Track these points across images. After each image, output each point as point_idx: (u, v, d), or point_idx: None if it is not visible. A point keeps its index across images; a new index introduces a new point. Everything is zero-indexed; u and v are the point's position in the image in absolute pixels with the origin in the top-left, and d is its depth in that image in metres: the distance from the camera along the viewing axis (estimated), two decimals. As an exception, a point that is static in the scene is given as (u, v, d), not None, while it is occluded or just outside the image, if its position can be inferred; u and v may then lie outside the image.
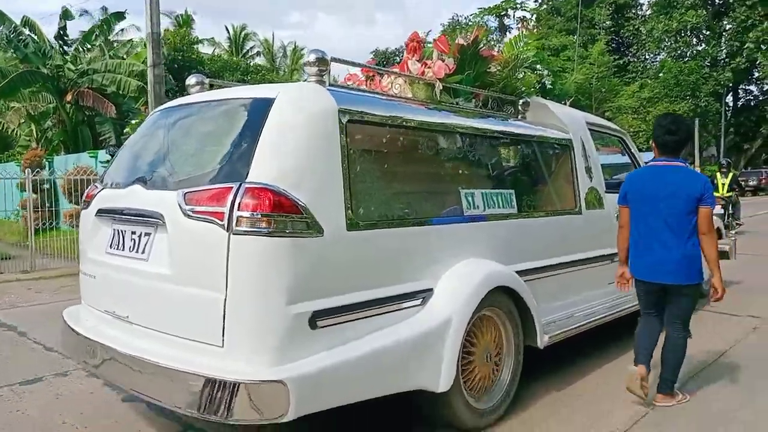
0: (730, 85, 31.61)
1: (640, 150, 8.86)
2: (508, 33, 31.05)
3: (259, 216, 2.40)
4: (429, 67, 3.65)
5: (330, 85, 2.96)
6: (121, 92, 17.20)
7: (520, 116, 4.23)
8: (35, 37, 17.98)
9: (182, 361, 2.46)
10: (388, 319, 2.81)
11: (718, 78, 29.15)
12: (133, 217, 2.85)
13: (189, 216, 2.52)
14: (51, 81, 17.29)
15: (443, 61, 3.71)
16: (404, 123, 3.11)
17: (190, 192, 2.56)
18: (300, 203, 2.48)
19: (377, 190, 2.91)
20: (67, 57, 18.00)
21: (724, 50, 30.79)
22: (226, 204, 2.42)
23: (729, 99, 33.65)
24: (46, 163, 15.64)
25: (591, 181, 4.50)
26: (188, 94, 3.52)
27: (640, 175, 3.72)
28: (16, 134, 20.78)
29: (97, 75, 17.29)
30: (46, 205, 11.45)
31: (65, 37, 17.95)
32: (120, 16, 17.56)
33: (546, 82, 5.02)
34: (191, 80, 3.56)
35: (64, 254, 10.15)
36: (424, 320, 2.91)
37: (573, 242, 4.19)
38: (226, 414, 2.31)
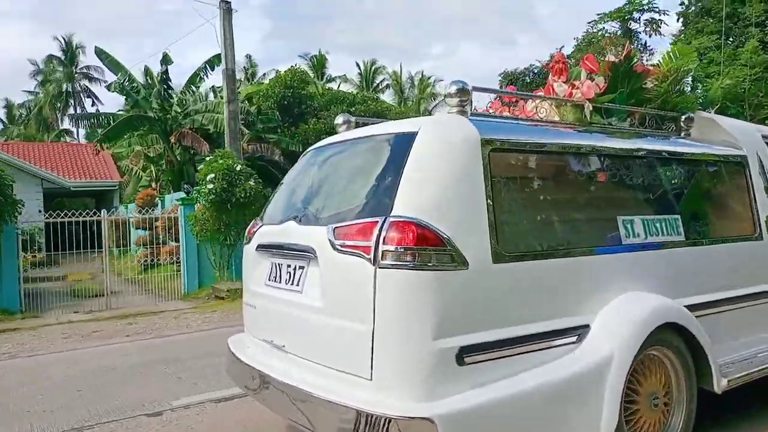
0: None
1: None
2: (635, 39, 28.20)
3: (404, 249, 2.41)
4: (577, 88, 3.47)
5: (472, 114, 2.92)
6: (218, 131, 17.49)
7: (683, 133, 3.86)
8: (145, 82, 19.04)
9: (333, 392, 2.51)
10: (540, 357, 2.66)
11: None
12: (288, 252, 3.01)
13: (338, 250, 2.60)
14: (158, 124, 18.14)
15: (592, 80, 3.51)
16: (551, 148, 2.98)
17: (339, 227, 2.64)
18: (444, 236, 2.45)
19: (524, 220, 2.80)
20: (172, 100, 18.66)
21: None
22: (371, 238, 2.47)
23: None
24: (159, 201, 16.99)
25: (773, 202, 3.96)
26: (336, 132, 3.69)
27: None
28: (139, 176, 22.43)
29: (198, 115, 17.96)
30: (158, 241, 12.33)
31: (168, 81, 18.47)
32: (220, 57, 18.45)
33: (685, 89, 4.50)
34: (339, 120, 3.71)
35: (159, 290, 10.98)
36: (581, 359, 2.71)
37: (752, 272, 3.69)
38: (376, 449, 2.31)
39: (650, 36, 28.17)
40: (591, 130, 3.33)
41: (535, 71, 33.81)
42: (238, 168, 11.30)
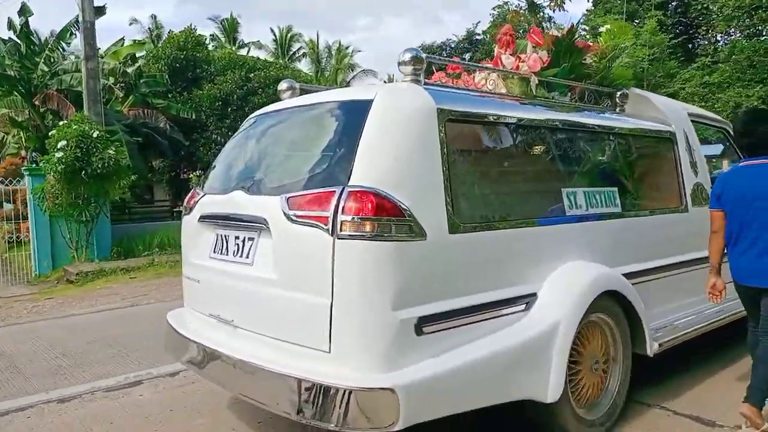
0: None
1: (708, 142, 8.05)
2: (539, 13, 28.75)
3: (363, 219, 2.36)
4: (523, 61, 3.51)
5: (425, 83, 2.88)
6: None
7: (618, 109, 4.00)
8: (9, 38, 16.05)
9: (290, 367, 2.45)
10: (492, 325, 2.70)
11: None
12: (236, 222, 2.89)
13: (292, 220, 2.51)
14: (20, 83, 15.41)
15: (537, 54, 3.56)
16: (502, 120, 2.99)
17: (293, 197, 2.55)
18: (403, 206, 2.41)
19: (477, 190, 2.81)
20: (37, 58, 15.81)
21: None
22: (329, 208, 2.40)
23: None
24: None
25: (696, 176, 4.20)
26: (280, 99, 3.55)
27: (732, 175, 3.39)
28: (5, 141, 18.68)
29: (66, 75, 15.37)
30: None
31: (30, 35, 15.82)
32: (100, 11, 14.88)
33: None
34: (282, 86, 3.58)
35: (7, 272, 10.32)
36: (530, 326, 2.78)
37: (679, 242, 3.92)
38: (336, 421, 2.28)
39: (554, 11, 29.01)
40: (537, 104, 3.39)
41: (452, 45, 34.16)
42: (95, 134, 10.25)
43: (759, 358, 3.14)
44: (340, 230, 2.37)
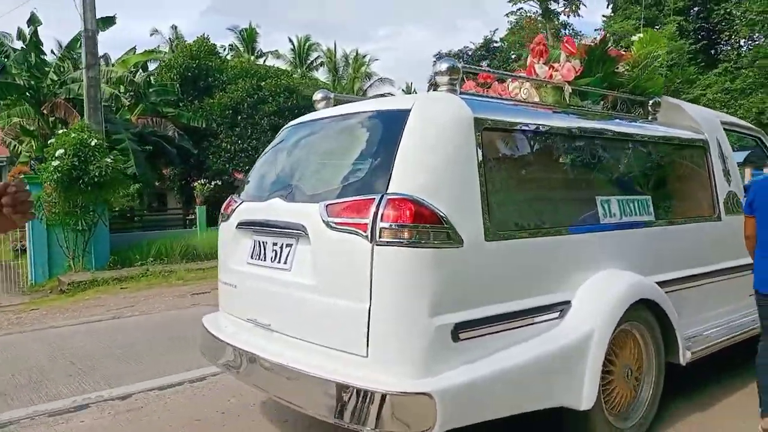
0: None
1: (734, 150, 7.93)
2: (556, 20, 28.28)
3: (401, 227, 2.40)
4: (556, 70, 3.53)
5: (461, 93, 2.92)
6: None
7: (650, 117, 3.99)
8: (18, 48, 16.03)
9: (327, 370, 2.50)
10: (527, 332, 2.73)
11: None
12: (274, 229, 2.95)
13: (331, 227, 2.57)
14: (30, 92, 15.36)
15: (570, 63, 3.57)
16: (537, 129, 3.02)
17: (332, 204, 2.60)
18: (440, 213, 2.45)
19: (513, 199, 2.84)
20: (47, 67, 15.77)
21: None
22: (368, 215, 2.45)
23: None
24: (33, 179, 15.17)
25: (729, 185, 4.18)
26: (315, 109, 3.62)
27: (765, 182, 3.38)
28: (18, 151, 18.71)
29: (75, 84, 15.09)
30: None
31: (39, 45, 15.54)
32: (110, 21, 14.90)
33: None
34: (317, 96, 3.65)
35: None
36: (564, 334, 2.80)
37: (712, 251, 3.90)
38: (374, 424, 2.32)
39: (568, 17, 28.56)
40: (570, 112, 3.40)
41: (469, 53, 34.00)
42: (93, 143, 10.18)
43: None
44: (379, 237, 2.41)
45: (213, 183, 17.63)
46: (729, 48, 27.82)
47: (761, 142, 5.03)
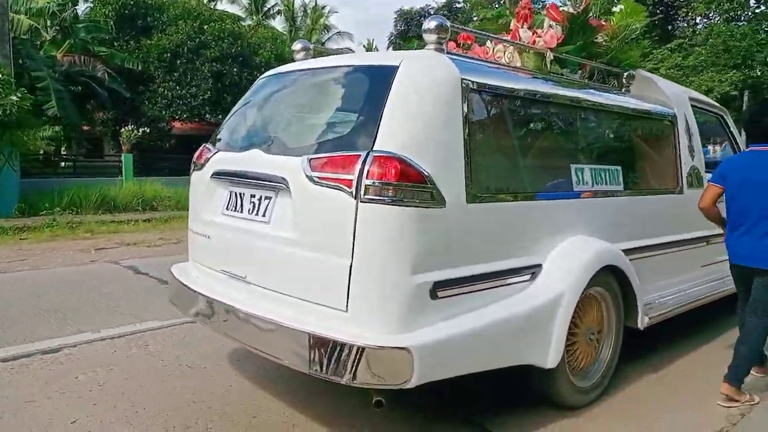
0: (794, 53, 25.89)
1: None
2: None
3: (387, 184, 2.40)
4: (540, 36, 3.54)
5: (448, 53, 2.90)
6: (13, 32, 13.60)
7: (623, 89, 4.07)
8: None
9: (306, 323, 2.51)
10: (501, 293, 2.80)
11: None
12: (253, 181, 2.90)
13: (314, 182, 2.55)
14: None
15: (553, 29, 3.58)
16: (520, 94, 3.04)
17: (316, 158, 2.58)
18: (425, 173, 2.46)
19: (493, 162, 2.87)
20: None
21: None
22: (354, 171, 2.43)
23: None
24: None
25: (693, 159, 4.32)
26: (293, 60, 3.53)
27: (740, 159, 3.54)
28: None
29: None
30: None
31: None
32: None
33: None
34: (297, 46, 3.56)
35: None
36: (536, 296, 2.89)
37: (673, 222, 4.05)
38: (351, 377, 2.36)
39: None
40: (552, 79, 3.43)
41: (431, 12, 33.34)
42: None
43: (742, 339, 3.32)
44: (364, 194, 2.41)
45: (142, 130, 16.92)
46: (685, 25, 27.96)
47: (723, 120, 5.21)
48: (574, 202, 3.23)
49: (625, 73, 4.06)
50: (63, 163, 15.59)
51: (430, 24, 2.82)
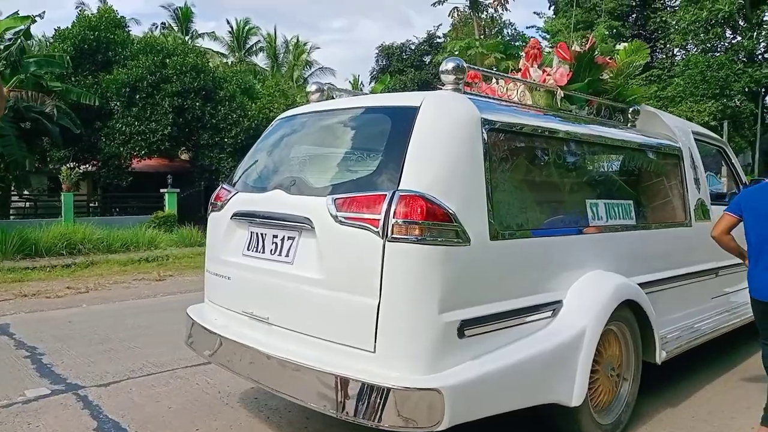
0: (769, 83, 26.12)
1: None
2: (484, 13, 28.43)
3: (413, 224, 2.42)
4: (549, 75, 3.62)
5: (465, 93, 2.96)
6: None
7: (629, 125, 4.14)
8: None
9: (333, 365, 2.49)
10: (525, 330, 2.80)
11: (753, 75, 23.68)
12: (275, 221, 2.91)
13: (340, 222, 2.56)
14: None
15: (562, 68, 3.66)
16: (536, 131, 3.09)
17: (341, 198, 2.59)
18: (450, 211, 2.48)
19: (514, 199, 2.90)
20: None
21: (762, 43, 25.08)
22: (380, 211, 2.45)
23: (769, 100, 27.65)
24: None
25: (699, 192, 4.38)
26: (308, 101, 3.59)
27: (759, 190, 3.55)
28: None
29: None
30: None
31: None
32: None
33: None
34: (312, 88, 3.61)
35: None
36: (559, 332, 2.88)
37: (683, 255, 4.09)
38: (381, 419, 2.33)
39: (496, 11, 28.79)
40: (563, 116, 3.49)
41: (412, 47, 33.64)
42: None
43: None
44: (391, 233, 2.42)
45: (84, 167, 16.29)
46: (663, 56, 28.28)
47: (724, 152, 5.30)
48: (590, 236, 3.25)
49: (631, 109, 4.14)
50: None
51: (447, 65, 2.88)
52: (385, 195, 2.47)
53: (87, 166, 16.78)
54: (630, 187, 3.79)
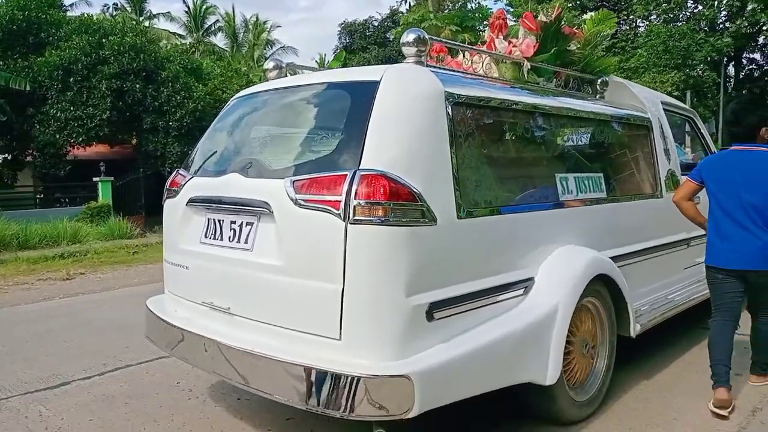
0: (731, 52, 25.72)
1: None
2: None
3: (376, 204, 2.30)
4: (515, 46, 3.50)
5: (428, 66, 2.83)
6: None
7: (598, 96, 4.06)
8: None
9: (298, 355, 2.38)
10: (495, 310, 2.72)
11: (715, 44, 23.35)
12: (232, 206, 2.76)
13: (300, 205, 2.43)
14: None
15: (528, 39, 3.55)
16: (503, 105, 2.98)
17: (300, 180, 2.46)
18: (415, 190, 2.37)
19: (480, 175, 2.79)
20: None
21: (724, 12, 24.55)
22: (341, 192, 2.32)
23: (731, 69, 27.73)
24: None
25: (669, 163, 4.34)
26: (266, 79, 3.42)
27: (722, 158, 3.51)
28: None
29: None
30: None
31: None
32: None
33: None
34: (269, 65, 3.45)
35: None
36: (530, 310, 2.81)
37: (655, 227, 4.05)
38: (350, 409, 2.23)
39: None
40: (530, 89, 3.39)
41: (375, 24, 32.83)
42: None
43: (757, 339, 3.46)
44: (353, 215, 2.30)
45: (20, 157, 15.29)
46: (627, 28, 27.54)
47: (693, 122, 5.27)
48: (561, 211, 3.18)
49: (599, 80, 4.06)
50: None
51: (408, 37, 2.74)
52: (346, 175, 2.35)
53: (23, 156, 15.68)
54: (600, 160, 3.72)
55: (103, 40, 15.09)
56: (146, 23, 25.80)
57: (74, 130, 14.63)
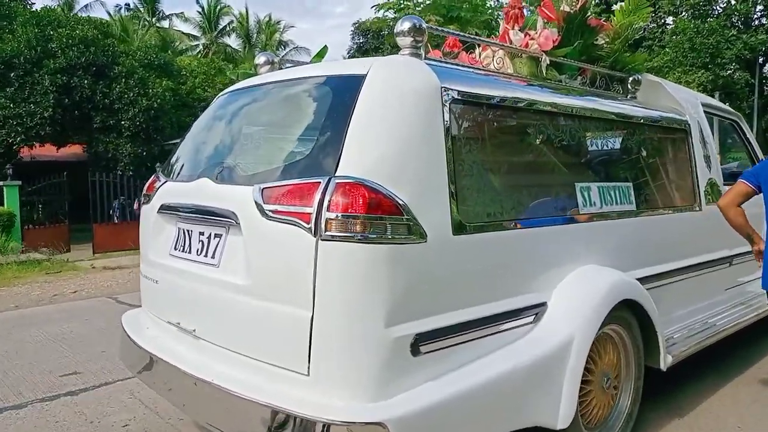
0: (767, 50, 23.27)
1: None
2: None
3: (353, 218, 1.95)
4: (533, 39, 3.11)
5: (426, 58, 2.47)
6: None
7: (629, 96, 3.64)
8: None
9: (259, 390, 2.05)
10: (498, 341, 2.34)
11: (748, 41, 21.18)
12: (201, 216, 2.46)
13: (268, 216, 2.10)
14: None
15: (548, 30, 3.16)
16: (513, 104, 2.60)
17: (269, 188, 2.13)
18: (400, 202, 2.02)
19: (484, 185, 2.42)
20: None
21: (760, 6, 22.58)
22: (312, 203, 1.99)
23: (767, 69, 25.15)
24: None
25: (710, 171, 3.88)
26: (257, 74, 3.12)
27: None
28: None
29: None
30: None
31: None
32: None
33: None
34: (260, 59, 3.14)
35: None
36: (541, 341, 2.42)
37: (692, 244, 3.60)
38: (316, 460, 1.89)
39: None
40: (549, 87, 3.00)
41: (391, 24, 32.05)
42: None
43: None
44: (325, 230, 1.96)
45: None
46: (654, 26, 25.51)
47: (738, 126, 4.77)
48: (581, 225, 2.78)
49: (631, 78, 3.63)
50: None
51: (403, 26, 2.39)
52: (319, 183, 2.01)
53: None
54: (629, 168, 3.29)
55: (52, 33, 14.17)
56: (163, 23, 25.55)
57: (13, 129, 13.62)
